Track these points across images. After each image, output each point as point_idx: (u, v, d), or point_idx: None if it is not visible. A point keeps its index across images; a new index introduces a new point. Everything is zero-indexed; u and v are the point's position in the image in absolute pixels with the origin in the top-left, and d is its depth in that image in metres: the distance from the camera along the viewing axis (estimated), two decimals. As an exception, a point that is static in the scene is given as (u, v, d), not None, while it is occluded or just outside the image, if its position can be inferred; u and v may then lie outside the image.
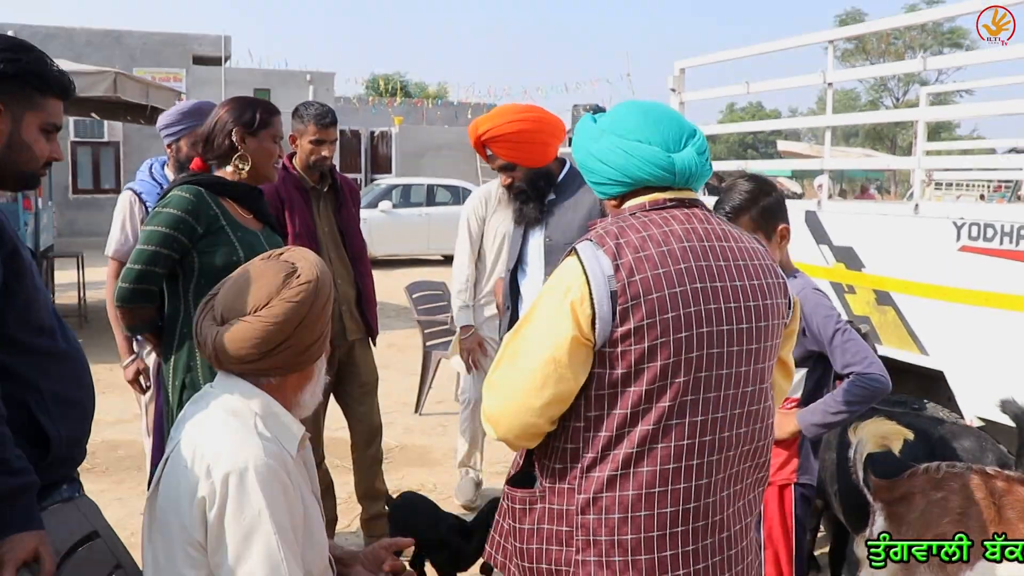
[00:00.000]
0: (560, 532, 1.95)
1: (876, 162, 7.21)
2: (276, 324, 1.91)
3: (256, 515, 1.82)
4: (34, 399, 2.09)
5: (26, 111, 2.11)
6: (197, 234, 3.00)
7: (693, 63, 6.15)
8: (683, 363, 1.85)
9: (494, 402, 1.96)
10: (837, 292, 4.72)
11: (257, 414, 1.95)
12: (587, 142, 2.05)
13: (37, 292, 2.13)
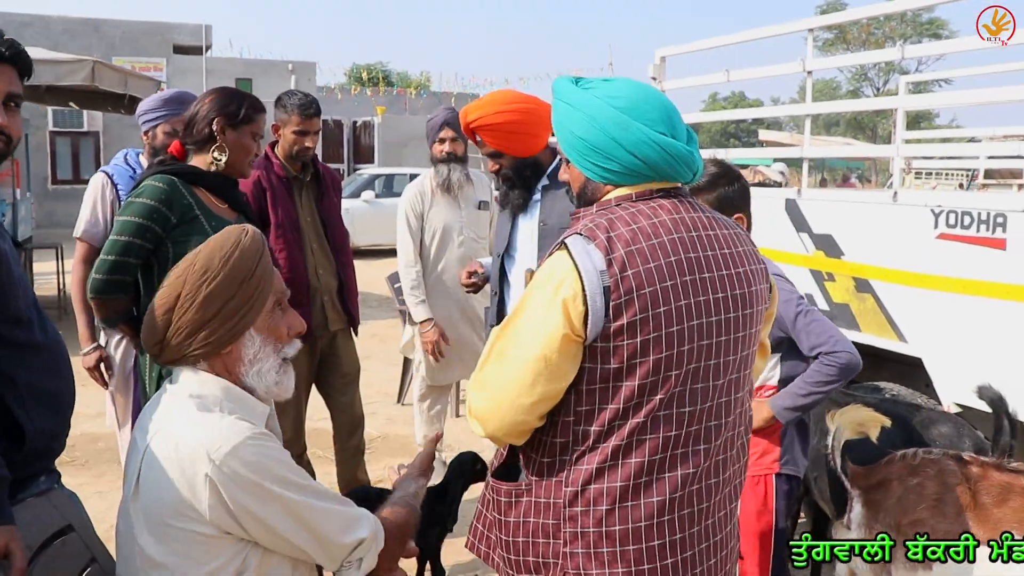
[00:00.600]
0: (547, 525, 1.95)
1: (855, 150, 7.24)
2: (155, 312, 1.94)
3: (271, 476, 1.83)
4: (10, 391, 2.07)
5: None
6: (171, 224, 2.98)
7: (674, 51, 6.15)
8: (675, 357, 1.84)
9: (482, 400, 1.93)
10: (817, 280, 4.74)
11: (220, 399, 1.94)
12: (611, 127, 1.90)
13: (14, 284, 2.09)
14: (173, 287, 1.93)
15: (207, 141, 3.15)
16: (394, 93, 31.59)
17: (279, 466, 1.87)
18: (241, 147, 3.17)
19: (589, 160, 1.95)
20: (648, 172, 1.92)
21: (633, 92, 1.94)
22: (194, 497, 1.82)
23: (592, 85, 1.98)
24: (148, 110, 4.11)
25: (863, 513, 2.88)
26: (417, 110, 30.07)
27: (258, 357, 1.99)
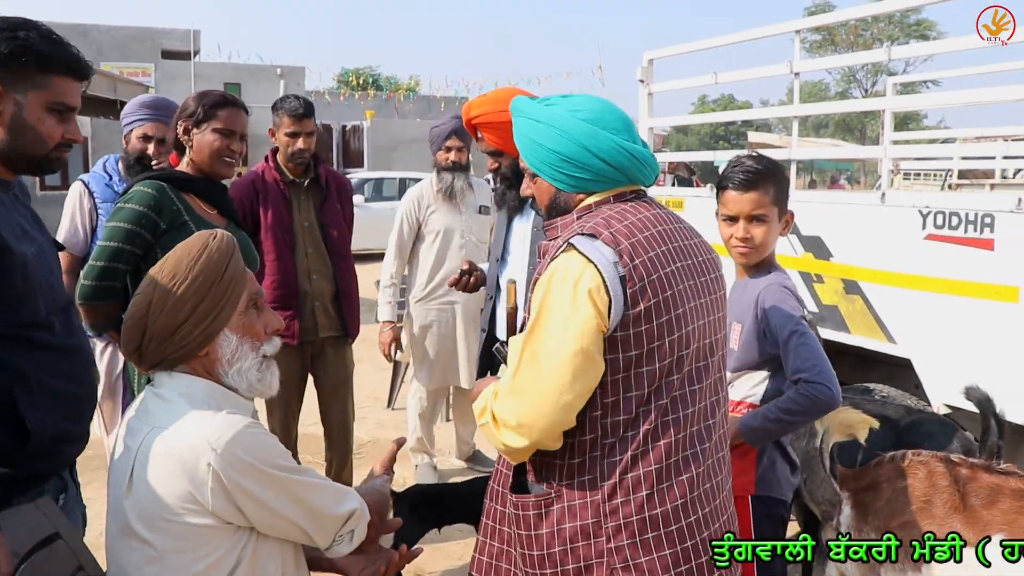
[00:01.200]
0: (586, 526, 1.97)
1: (843, 151, 7.29)
2: (128, 321, 1.97)
3: (269, 462, 1.87)
4: (20, 388, 2.08)
5: (28, 91, 2.08)
6: (160, 229, 2.98)
7: (662, 54, 6.15)
8: (685, 338, 1.96)
9: (521, 407, 1.93)
10: (806, 282, 4.75)
11: (208, 397, 1.96)
12: (581, 137, 2.03)
13: (32, 290, 2.11)
14: (144, 294, 1.95)
15: (180, 145, 3.18)
16: (383, 97, 31.58)
17: (274, 452, 1.90)
18: (203, 144, 3.13)
19: (562, 171, 2.07)
20: (618, 177, 2.05)
21: (594, 105, 2.08)
22: (196, 488, 1.83)
23: (553, 101, 2.11)
24: (127, 114, 4.11)
25: (852, 515, 2.88)
26: (407, 114, 30.11)
27: (236, 357, 2.00)
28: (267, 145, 4.44)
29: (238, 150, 3.19)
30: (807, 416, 2.59)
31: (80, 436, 2.33)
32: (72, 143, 2.22)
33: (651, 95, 6.15)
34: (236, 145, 3.18)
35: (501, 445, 2.01)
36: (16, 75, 2.07)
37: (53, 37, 2.14)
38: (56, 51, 2.12)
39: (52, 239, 2.38)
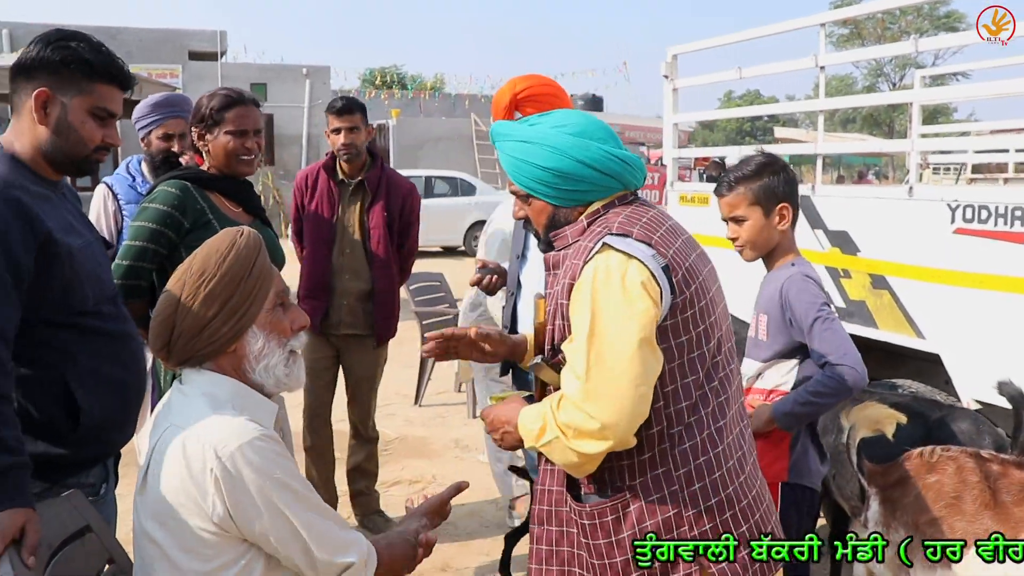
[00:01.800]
0: (668, 519, 1.99)
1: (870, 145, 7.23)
2: (157, 318, 1.98)
3: (274, 480, 1.85)
4: (71, 371, 2.22)
5: (74, 96, 2.24)
6: (184, 228, 3.01)
7: (686, 49, 6.12)
8: (717, 320, 2.04)
9: (604, 408, 1.90)
10: (832, 277, 4.71)
11: (230, 398, 1.97)
12: (573, 151, 2.05)
13: (80, 279, 2.25)
14: (173, 291, 1.97)
15: (197, 148, 3.22)
16: (409, 96, 31.64)
17: (283, 472, 1.88)
18: (220, 148, 3.16)
19: (557, 188, 2.10)
20: (613, 184, 2.09)
21: (577, 118, 2.13)
22: (200, 494, 1.84)
23: (535, 121, 2.14)
24: (140, 117, 4.09)
25: (880, 511, 2.86)
26: (432, 112, 30.12)
27: (264, 353, 2.02)
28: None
29: (253, 147, 3.20)
30: (836, 397, 2.70)
31: (126, 422, 2.43)
32: (111, 146, 2.35)
33: (676, 91, 6.12)
34: (250, 142, 3.18)
35: (574, 458, 1.96)
36: (64, 81, 2.23)
37: (101, 49, 2.30)
38: (101, 60, 2.27)
39: (100, 237, 2.52)
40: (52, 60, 2.22)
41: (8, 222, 2.10)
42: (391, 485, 5.42)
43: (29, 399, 2.16)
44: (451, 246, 18.99)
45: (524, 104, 3.38)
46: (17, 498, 1.97)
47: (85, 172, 2.40)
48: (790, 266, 2.88)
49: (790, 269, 2.86)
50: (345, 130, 4.31)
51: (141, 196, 3.89)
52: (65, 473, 2.29)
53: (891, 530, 2.80)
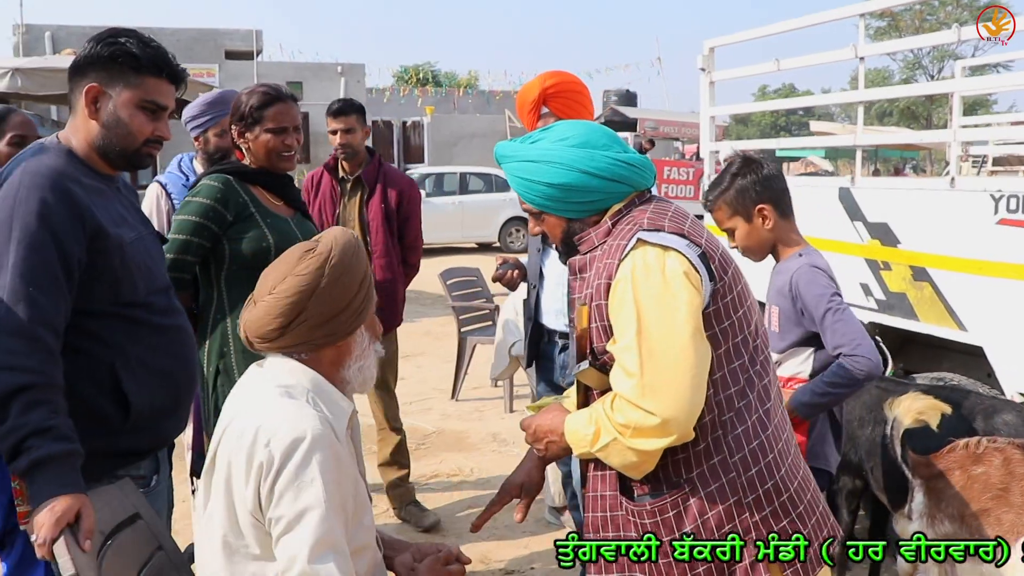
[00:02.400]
0: (729, 508, 1.97)
1: (909, 136, 7.12)
2: (287, 299, 1.94)
3: (310, 484, 1.83)
4: (120, 362, 2.25)
5: (123, 90, 2.29)
6: (227, 222, 3.03)
7: (723, 42, 6.09)
8: (752, 306, 2.04)
9: (664, 402, 1.89)
10: (872, 269, 4.67)
11: (308, 390, 1.97)
12: (580, 163, 2.04)
13: (130, 272, 2.29)
14: (313, 276, 1.94)
15: (238, 145, 3.26)
16: (443, 93, 31.71)
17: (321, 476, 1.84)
18: (260, 147, 3.17)
19: (568, 202, 2.09)
20: (624, 188, 2.09)
21: (578, 128, 2.11)
22: (246, 480, 1.86)
23: (536, 138, 2.14)
24: (194, 116, 4.11)
25: (925, 502, 2.83)
26: (466, 109, 30.18)
27: (364, 353, 2.06)
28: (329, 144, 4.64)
29: (293, 143, 3.20)
30: (852, 387, 2.75)
31: (176, 411, 2.47)
32: (161, 140, 2.39)
33: (713, 84, 6.09)
34: (290, 139, 3.19)
35: (633, 457, 1.95)
36: (113, 75, 2.28)
37: (150, 43, 2.33)
38: (148, 54, 2.30)
39: (155, 231, 2.57)
40: (102, 56, 2.27)
41: (59, 213, 2.15)
42: (430, 478, 5.45)
43: (79, 389, 2.18)
44: (486, 242, 19.00)
45: (552, 99, 3.39)
46: (72, 484, 2.01)
47: (137, 165, 2.40)
48: (797, 256, 2.91)
49: (798, 260, 2.89)
50: (341, 131, 4.46)
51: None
52: (116, 464, 2.32)
53: (936, 521, 2.79)
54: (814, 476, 2.79)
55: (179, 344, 2.46)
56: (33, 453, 1.99)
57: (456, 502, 5.09)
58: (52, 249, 2.13)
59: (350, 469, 1.96)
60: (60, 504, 1.97)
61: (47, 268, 2.12)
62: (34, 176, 2.17)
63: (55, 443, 2.01)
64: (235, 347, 3.03)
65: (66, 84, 2.39)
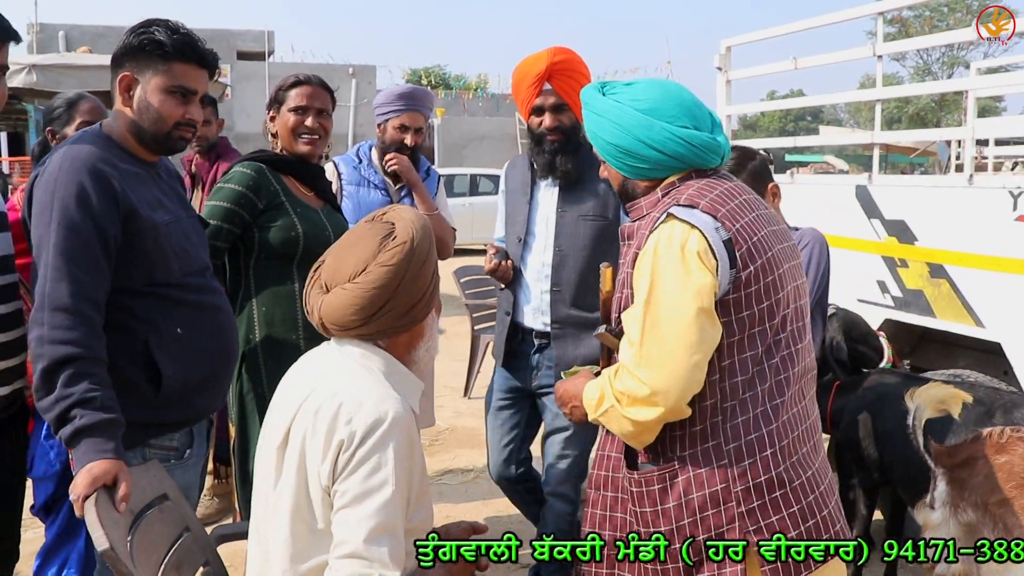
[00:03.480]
0: (715, 493, 1.98)
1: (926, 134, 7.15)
2: (374, 289, 1.93)
3: (384, 465, 1.84)
4: (154, 338, 2.34)
5: (152, 76, 2.38)
6: (258, 209, 3.05)
7: (739, 41, 6.10)
8: (785, 298, 2.02)
9: (655, 375, 1.92)
10: (889, 266, 4.67)
11: (382, 371, 1.99)
12: (636, 130, 2.07)
13: (164, 253, 2.39)
14: (400, 266, 1.94)
15: (271, 133, 3.28)
16: (453, 96, 31.74)
17: (399, 456, 1.86)
18: (282, 127, 3.21)
19: (622, 161, 2.13)
20: (678, 165, 2.09)
21: (654, 92, 2.10)
22: (327, 457, 1.86)
23: (616, 91, 2.15)
24: (380, 104, 4.11)
25: (948, 491, 2.83)
26: (476, 111, 30.20)
27: (431, 334, 2.08)
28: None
29: (315, 126, 3.20)
30: None
31: (209, 387, 2.51)
32: (192, 123, 2.46)
33: (729, 83, 6.10)
34: (311, 120, 3.19)
35: (629, 426, 1.99)
36: (143, 63, 2.39)
37: (179, 30, 2.41)
38: (175, 40, 2.38)
39: (196, 216, 2.67)
40: (132, 46, 2.38)
41: (96, 196, 2.25)
42: (443, 474, 5.47)
43: (115, 363, 2.27)
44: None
45: (558, 75, 3.30)
46: (112, 451, 2.10)
47: (171, 149, 2.50)
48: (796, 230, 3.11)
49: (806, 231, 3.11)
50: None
51: (363, 179, 4.05)
52: (148, 434, 2.40)
53: (959, 510, 2.79)
54: None
55: (216, 323, 2.53)
56: (77, 422, 2.10)
57: (469, 498, 5.11)
58: (91, 230, 2.23)
59: (419, 453, 1.98)
60: (99, 467, 2.06)
61: (87, 248, 2.22)
62: (73, 161, 2.28)
63: (98, 412, 2.11)
64: (260, 334, 3.05)
65: (81, 81, 2.54)
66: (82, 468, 2.06)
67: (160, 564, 2.14)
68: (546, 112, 3.35)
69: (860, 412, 3.67)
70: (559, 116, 3.35)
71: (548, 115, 3.35)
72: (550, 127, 3.35)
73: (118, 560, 1.91)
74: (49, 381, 2.13)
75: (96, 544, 1.93)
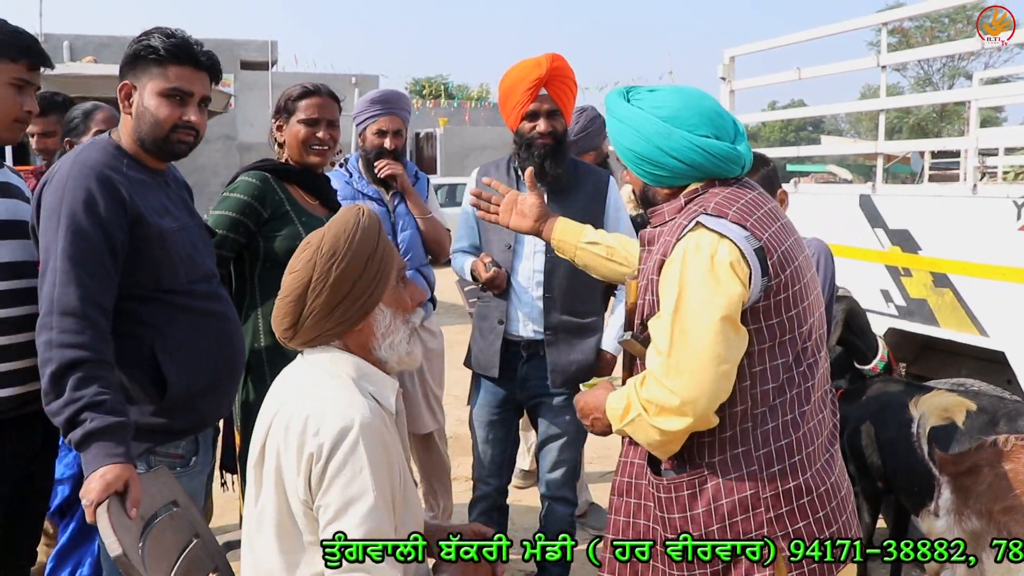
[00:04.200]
0: (744, 499, 1.99)
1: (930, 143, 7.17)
2: (284, 298, 2.00)
3: (358, 472, 1.85)
4: (159, 343, 2.35)
5: (148, 82, 2.41)
6: (263, 218, 3.06)
7: (743, 51, 6.12)
8: (810, 307, 2.04)
9: (683, 384, 1.93)
10: (893, 275, 4.69)
11: (352, 374, 1.99)
12: (655, 138, 2.07)
13: (171, 259, 2.43)
14: (303, 272, 1.98)
15: (277, 143, 3.29)
16: (455, 105, 31.80)
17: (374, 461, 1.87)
18: (292, 137, 3.23)
19: (642, 168, 2.14)
20: (696, 174, 2.09)
21: (675, 100, 2.10)
22: (297, 469, 1.88)
23: (640, 97, 2.15)
24: (357, 112, 4.10)
25: (952, 499, 2.84)
26: (478, 121, 30.24)
27: (390, 330, 2.05)
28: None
29: (325, 137, 3.22)
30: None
31: (214, 393, 2.53)
32: (191, 126, 2.47)
33: (733, 92, 6.12)
34: (322, 132, 3.22)
35: (656, 436, 1.99)
36: (139, 71, 2.43)
37: (172, 34, 2.43)
38: (169, 44, 2.40)
39: (203, 224, 2.68)
40: (129, 55, 2.43)
41: (103, 202, 2.28)
42: (454, 480, 5.46)
43: (120, 369, 2.29)
44: (497, 253, 18.98)
45: (554, 81, 3.31)
46: (122, 455, 2.11)
47: (172, 153, 2.50)
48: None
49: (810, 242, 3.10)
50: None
51: (357, 192, 4.01)
52: (154, 440, 2.41)
53: (963, 517, 2.79)
54: None
55: (222, 330, 2.54)
56: (87, 425, 2.10)
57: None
58: (99, 235, 2.25)
59: (397, 455, 1.98)
60: (111, 472, 2.07)
61: (94, 253, 2.24)
62: (81, 168, 2.31)
63: (108, 416, 2.12)
64: (265, 342, 3.06)
65: (86, 90, 2.59)
66: (93, 472, 2.07)
67: (171, 570, 2.15)
68: (541, 117, 3.35)
69: (863, 420, 3.68)
70: (553, 122, 3.36)
71: (543, 120, 3.35)
72: (544, 132, 3.35)
73: (131, 566, 1.92)
74: (58, 385, 2.14)
75: (109, 550, 1.93)
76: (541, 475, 3.63)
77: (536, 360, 3.46)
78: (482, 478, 3.73)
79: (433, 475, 4.65)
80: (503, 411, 3.62)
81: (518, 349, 3.48)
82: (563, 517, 3.55)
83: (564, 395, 3.44)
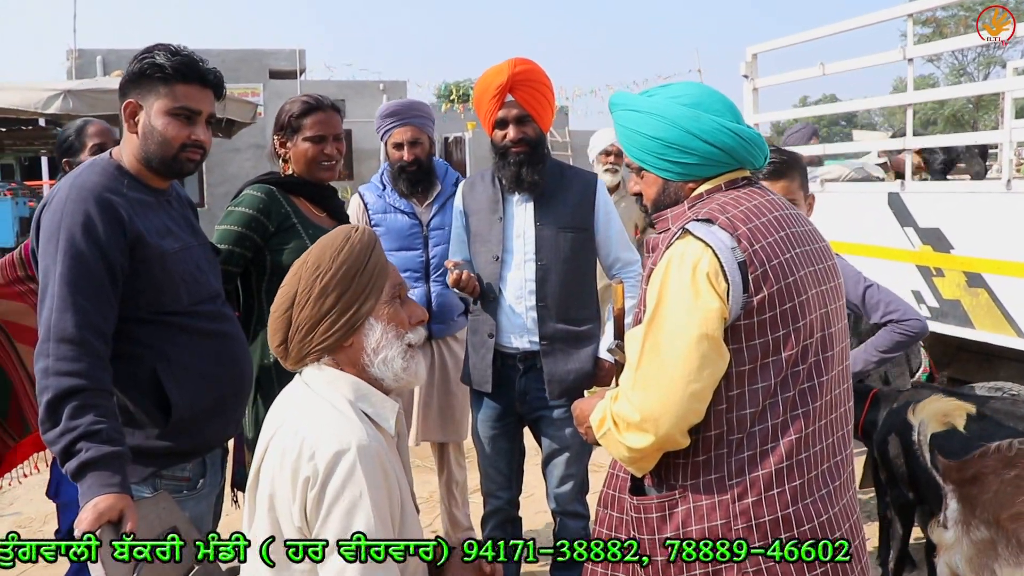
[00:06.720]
0: (715, 528, 1.88)
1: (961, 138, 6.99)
2: (273, 315, 1.98)
3: (357, 497, 1.79)
4: (162, 365, 2.33)
5: (154, 100, 2.37)
6: (269, 232, 3.03)
7: (765, 48, 6.01)
8: (808, 326, 1.87)
9: (649, 400, 1.85)
10: (924, 276, 4.55)
11: (349, 395, 1.94)
12: (684, 121, 1.97)
13: (172, 280, 2.39)
14: (289, 286, 1.97)
15: (282, 159, 3.23)
16: (483, 108, 31.81)
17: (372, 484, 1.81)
18: (300, 156, 3.16)
19: (666, 159, 2.01)
20: (726, 159, 1.98)
21: (695, 90, 2.03)
22: (292, 494, 1.83)
23: (653, 92, 2.07)
24: (377, 128, 4.10)
25: (959, 509, 2.73)
26: (506, 124, 30.22)
27: (382, 346, 1.98)
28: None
29: (333, 152, 3.18)
30: (905, 347, 3.13)
31: (220, 415, 2.50)
32: (199, 144, 2.43)
33: (756, 90, 6.01)
34: (330, 148, 3.17)
35: (624, 452, 1.93)
36: (145, 89, 2.38)
37: (178, 53, 2.39)
38: (175, 62, 2.36)
39: (207, 243, 2.65)
40: (134, 72, 2.38)
41: (102, 225, 2.25)
42: (472, 492, 5.39)
43: (123, 392, 2.28)
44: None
45: (520, 87, 3.25)
46: (117, 485, 2.07)
47: (180, 172, 2.47)
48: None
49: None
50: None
51: (388, 206, 4.00)
52: (160, 463, 2.38)
53: (971, 527, 2.69)
54: None
55: (227, 351, 2.51)
56: (83, 455, 2.08)
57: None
58: (97, 259, 2.23)
59: (397, 477, 1.92)
60: (104, 502, 2.03)
61: (92, 277, 2.22)
62: (80, 190, 2.29)
63: (104, 445, 2.09)
64: (275, 358, 3.00)
65: (115, 104, 2.49)
66: (88, 503, 2.04)
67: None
68: (510, 124, 3.30)
69: (893, 428, 3.55)
70: (523, 128, 3.30)
71: (512, 127, 3.30)
72: (514, 139, 3.30)
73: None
74: (54, 413, 2.11)
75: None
76: (550, 491, 3.57)
77: (533, 372, 3.40)
78: (492, 492, 3.66)
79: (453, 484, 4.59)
80: (504, 424, 3.55)
81: (514, 362, 3.42)
82: (576, 531, 3.49)
83: (564, 407, 3.36)
